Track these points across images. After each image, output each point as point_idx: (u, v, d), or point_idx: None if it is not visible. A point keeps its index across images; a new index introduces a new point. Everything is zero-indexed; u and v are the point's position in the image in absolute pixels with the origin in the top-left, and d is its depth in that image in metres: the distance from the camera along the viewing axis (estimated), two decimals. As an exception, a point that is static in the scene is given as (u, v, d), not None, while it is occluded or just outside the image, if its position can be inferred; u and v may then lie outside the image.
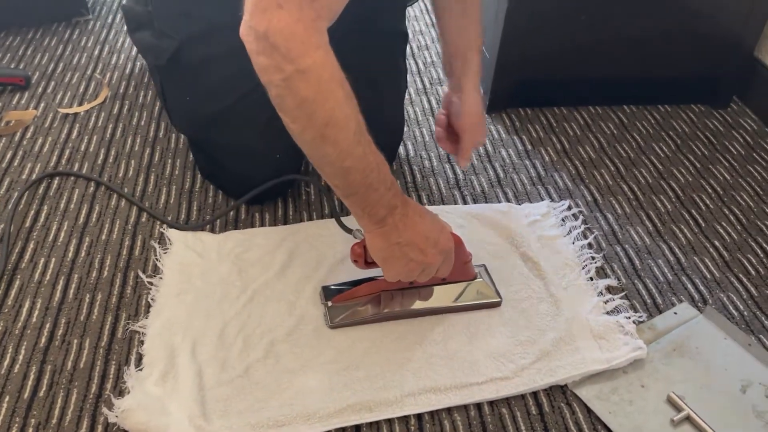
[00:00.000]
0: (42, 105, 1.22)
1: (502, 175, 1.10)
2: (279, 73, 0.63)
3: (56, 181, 1.04)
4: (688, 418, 0.75)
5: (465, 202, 1.05)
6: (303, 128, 0.67)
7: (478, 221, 1.00)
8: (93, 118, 1.19)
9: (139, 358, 0.78)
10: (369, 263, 0.80)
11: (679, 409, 0.76)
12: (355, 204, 0.73)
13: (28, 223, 0.96)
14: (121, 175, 1.06)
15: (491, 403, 0.76)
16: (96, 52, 1.38)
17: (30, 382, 0.75)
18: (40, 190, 1.02)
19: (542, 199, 1.06)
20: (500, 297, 0.87)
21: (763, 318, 0.88)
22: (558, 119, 1.26)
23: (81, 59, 1.36)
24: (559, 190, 1.08)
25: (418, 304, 0.85)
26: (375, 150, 0.70)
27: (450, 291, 0.87)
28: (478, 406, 0.76)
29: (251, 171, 0.97)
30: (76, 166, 1.08)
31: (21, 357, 0.78)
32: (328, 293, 0.86)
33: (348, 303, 0.85)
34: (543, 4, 1.14)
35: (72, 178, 1.05)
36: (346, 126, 0.67)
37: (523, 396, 0.77)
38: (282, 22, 0.61)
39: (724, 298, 0.91)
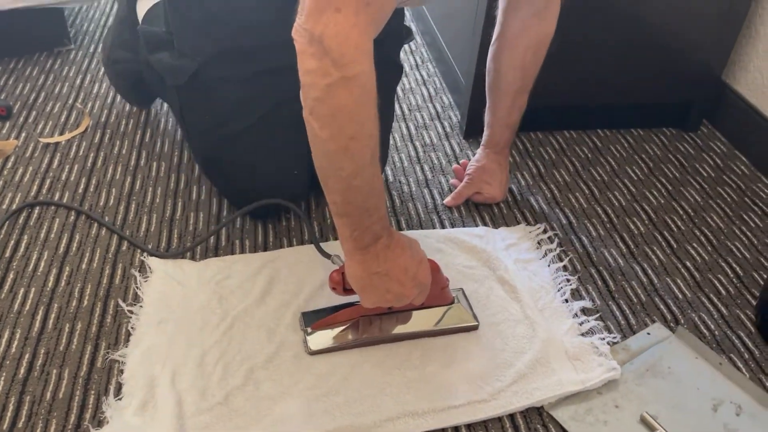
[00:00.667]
0: (23, 135, 1.23)
1: (479, 199, 1.13)
2: (325, 78, 0.63)
3: (37, 210, 1.05)
4: (661, 438, 0.77)
5: (443, 226, 1.07)
6: (330, 136, 0.67)
7: (455, 245, 1.02)
8: (74, 147, 1.20)
9: (119, 388, 0.78)
10: (347, 290, 0.81)
11: (652, 429, 0.77)
12: (345, 225, 0.74)
13: (8, 254, 0.96)
14: (102, 203, 1.07)
15: (469, 426, 0.77)
16: (78, 82, 1.40)
17: (9, 414, 0.75)
18: (21, 220, 1.03)
19: (518, 223, 1.08)
20: (477, 321, 0.88)
21: (733, 337, 0.90)
22: (534, 144, 1.28)
23: (63, 89, 1.37)
24: (535, 214, 1.10)
25: (397, 329, 0.86)
26: (380, 176, 0.72)
27: (428, 315, 0.88)
28: (456, 429, 0.77)
29: (263, 187, 0.98)
30: (57, 195, 1.08)
31: (0, 389, 0.78)
32: (307, 319, 0.87)
33: (327, 329, 0.86)
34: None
35: (53, 207, 1.05)
36: (368, 143, 0.68)
37: (500, 418, 0.78)
38: (339, 26, 0.62)
39: (696, 318, 0.93)
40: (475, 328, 0.88)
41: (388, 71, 1.11)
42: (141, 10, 1.15)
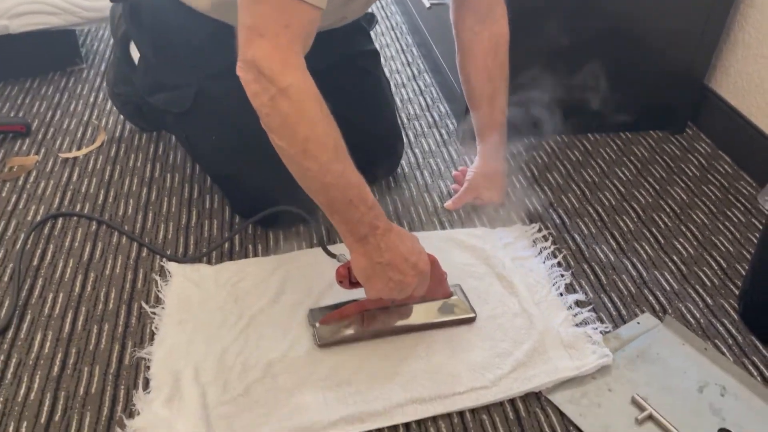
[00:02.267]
0: (43, 150, 1.29)
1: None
2: (266, 94, 0.74)
3: (60, 221, 1.11)
4: (650, 417, 0.83)
5: (443, 228, 1.13)
6: (288, 144, 0.76)
7: (456, 245, 1.08)
8: (92, 161, 1.26)
9: (147, 383, 0.84)
10: (353, 284, 0.88)
11: (642, 409, 0.83)
12: (339, 222, 0.81)
13: (35, 262, 1.03)
14: (120, 213, 1.13)
15: (472, 410, 0.83)
16: (91, 99, 1.46)
17: (46, 408, 0.81)
18: (45, 231, 1.09)
19: (515, 223, 1.14)
20: (474, 313, 0.94)
21: (717, 325, 0.97)
22: (527, 149, 1.35)
23: (78, 106, 1.44)
24: (530, 214, 1.17)
25: (399, 322, 0.92)
26: (355, 170, 0.79)
27: (428, 309, 0.94)
28: (461, 413, 0.83)
29: (275, 197, 1.00)
30: (78, 206, 1.14)
31: (36, 385, 0.84)
32: (315, 315, 0.92)
33: (334, 323, 0.91)
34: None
35: (75, 218, 1.12)
36: (326, 142, 0.76)
37: (501, 403, 0.84)
38: (264, 48, 0.73)
39: (683, 308, 0.99)
40: (472, 320, 0.94)
41: (367, 59, 1.21)
42: (134, 52, 1.20)
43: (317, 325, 0.91)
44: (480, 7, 1.06)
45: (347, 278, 0.87)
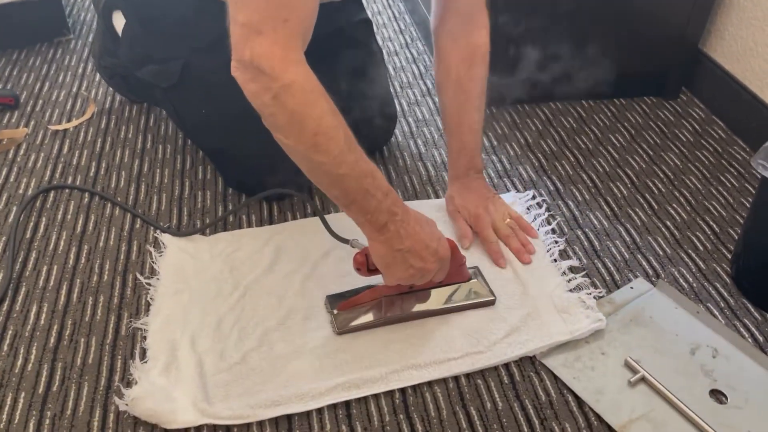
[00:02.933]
0: (32, 123, 1.28)
1: (471, 170, 1.19)
2: (268, 93, 0.70)
3: (52, 194, 1.10)
4: (643, 379, 0.84)
5: (437, 197, 1.13)
6: (296, 141, 0.73)
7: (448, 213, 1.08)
8: (82, 134, 1.25)
9: (143, 353, 0.85)
10: (371, 270, 0.85)
11: (635, 372, 0.84)
12: (356, 212, 0.78)
13: (28, 235, 1.02)
14: (113, 185, 1.13)
15: (467, 375, 0.84)
16: (80, 71, 1.44)
17: (43, 379, 0.82)
18: (38, 203, 1.08)
19: (508, 191, 1.14)
20: (494, 296, 0.92)
21: (710, 288, 0.97)
22: (521, 116, 1.34)
23: (66, 77, 1.42)
24: (524, 182, 1.17)
25: (418, 307, 0.90)
26: (366, 158, 0.77)
27: (447, 293, 0.92)
28: (456, 378, 0.84)
29: (268, 171, 1.00)
30: (70, 179, 1.14)
31: (33, 356, 0.84)
32: (332, 301, 0.90)
33: (352, 310, 0.89)
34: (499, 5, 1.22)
35: (67, 190, 1.11)
36: (336, 134, 0.73)
37: (496, 367, 0.85)
38: (262, 46, 0.69)
39: (675, 272, 1.00)
40: (492, 303, 0.92)
41: (359, 28, 1.18)
42: (117, 24, 1.18)
43: (335, 312, 0.89)
44: (462, 9, 0.99)
45: (365, 266, 0.84)
